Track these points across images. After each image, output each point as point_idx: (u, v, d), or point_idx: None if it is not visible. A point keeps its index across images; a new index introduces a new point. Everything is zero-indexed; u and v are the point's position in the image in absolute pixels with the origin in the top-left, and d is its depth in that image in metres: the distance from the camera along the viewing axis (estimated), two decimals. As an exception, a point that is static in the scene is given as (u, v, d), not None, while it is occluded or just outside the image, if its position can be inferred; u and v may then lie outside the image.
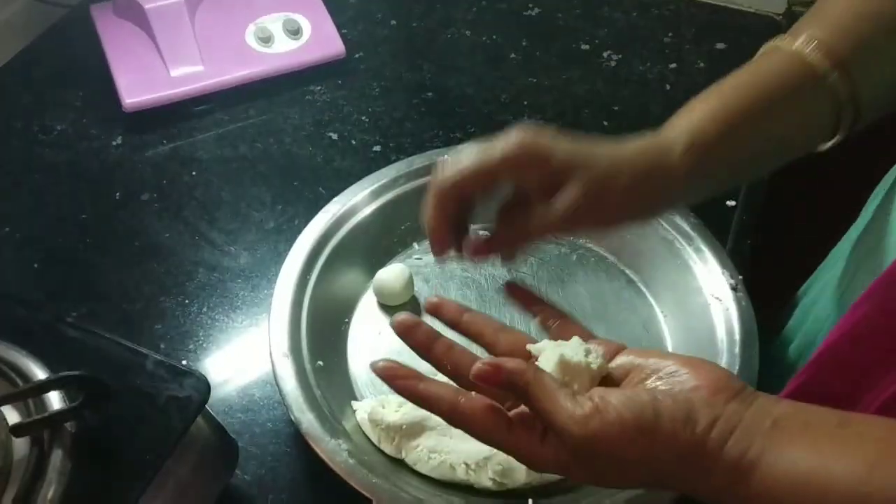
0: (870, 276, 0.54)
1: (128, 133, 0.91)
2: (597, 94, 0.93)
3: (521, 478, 0.60)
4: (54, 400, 0.53)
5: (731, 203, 0.81)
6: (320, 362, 0.67)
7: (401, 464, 0.62)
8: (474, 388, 0.47)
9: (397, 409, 0.63)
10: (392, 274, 0.72)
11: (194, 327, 0.75)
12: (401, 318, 0.53)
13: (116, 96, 0.91)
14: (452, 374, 0.52)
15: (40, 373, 0.55)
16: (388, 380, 0.48)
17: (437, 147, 0.84)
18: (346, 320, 0.73)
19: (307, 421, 0.61)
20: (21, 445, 0.51)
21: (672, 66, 0.96)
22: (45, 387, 0.53)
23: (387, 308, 0.73)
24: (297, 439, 0.65)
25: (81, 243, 0.82)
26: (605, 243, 0.76)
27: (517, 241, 0.55)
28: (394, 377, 0.48)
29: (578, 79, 0.95)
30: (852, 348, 0.53)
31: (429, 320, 0.55)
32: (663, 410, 0.43)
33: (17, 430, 0.51)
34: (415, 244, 0.77)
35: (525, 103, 0.93)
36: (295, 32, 0.96)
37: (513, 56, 0.98)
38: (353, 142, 0.90)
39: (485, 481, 0.60)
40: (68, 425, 0.52)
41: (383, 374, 0.48)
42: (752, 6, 1.01)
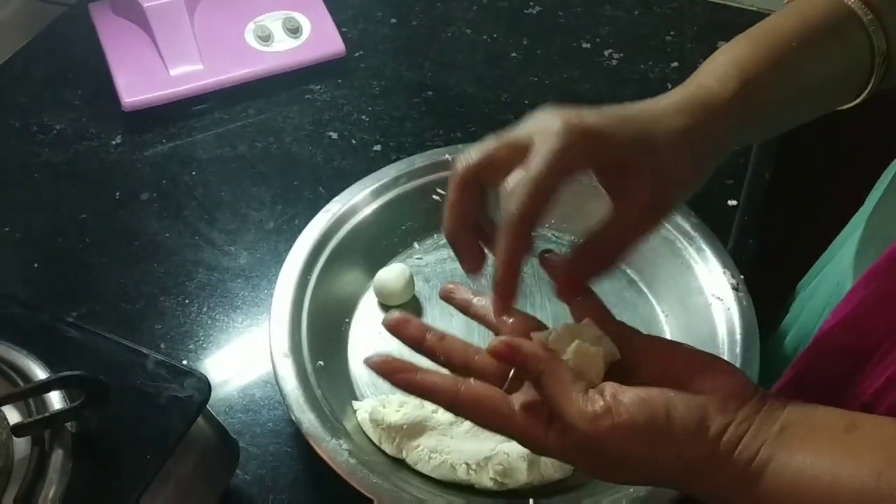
0: (868, 265, 0.54)
1: (127, 132, 0.91)
2: (598, 93, 0.93)
3: (521, 478, 0.60)
4: (55, 400, 0.53)
5: (732, 203, 0.81)
6: (321, 362, 0.67)
7: (401, 464, 0.62)
8: (469, 375, 0.46)
9: (398, 409, 0.63)
10: (392, 274, 0.72)
11: (194, 327, 0.75)
12: (391, 315, 0.51)
13: (115, 95, 0.91)
14: (446, 364, 0.50)
15: (41, 373, 0.55)
16: (384, 374, 0.46)
17: (438, 146, 0.84)
18: (347, 320, 0.72)
19: (308, 421, 0.61)
20: (22, 445, 0.51)
21: (674, 64, 0.96)
22: (46, 387, 0.53)
23: (387, 308, 0.73)
24: (298, 439, 0.65)
25: (81, 243, 0.82)
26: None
27: (607, 263, 0.50)
28: (390, 371, 0.46)
29: (579, 77, 0.95)
30: (849, 333, 0.53)
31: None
32: (675, 416, 0.42)
33: (18, 430, 0.51)
34: (415, 244, 0.77)
35: (526, 102, 0.92)
36: (295, 31, 0.96)
37: (514, 55, 0.98)
38: (354, 141, 0.90)
39: (485, 481, 0.60)
40: (69, 425, 0.52)
41: (378, 369, 0.47)
42: (754, 4, 1.01)
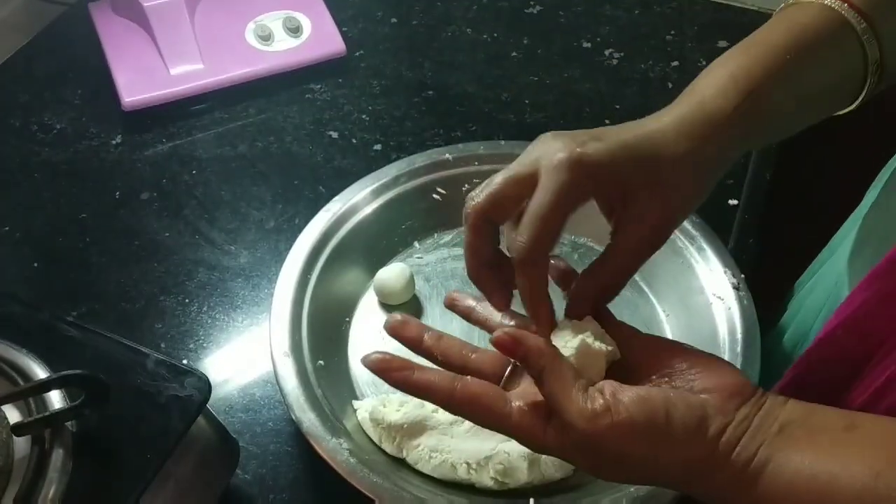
0: (868, 264, 0.54)
1: (127, 132, 0.91)
2: (598, 92, 0.93)
3: (522, 477, 0.60)
4: (55, 399, 0.53)
5: (733, 202, 0.81)
6: (321, 361, 0.67)
7: (402, 463, 0.62)
8: (466, 374, 0.47)
9: (398, 409, 0.62)
10: (393, 273, 0.72)
11: (195, 327, 0.75)
12: (391, 318, 0.52)
13: (115, 95, 0.91)
14: (443, 364, 0.51)
15: (41, 372, 0.55)
16: (381, 373, 0.46)
17: (438, 145, 0.84)
18: (347, 319, 0.72)
19: (308, 420, 0.61)
20: (22, 445, 0.51)
21: (674, 64, 0.96)
22: (46, 386, 0.52)
23: (388, 307, 0.73)
24: (298, 439, 0.65)
25: (81, 242, 0.82)
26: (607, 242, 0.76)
27: (615, 288, 0.52)
28: (387, 369, 0.46)
29: (580, 77, 0.95)
30: (851, 335, 0.53)
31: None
32: (675, 416, 0.42)
33: (18, 430, 0.51)
34: (416, 243, 0.77)
35: (526, 101, 0.92)
36: (295, 30, 0.96)
37: (514, 54, 0.98)
38: (354, 140, 0.90)
39: (486, 481, 0.60)
40: (69, 424, 0.52)
41: (376, 368, 0.47)
42: (755, 4, 1.01)
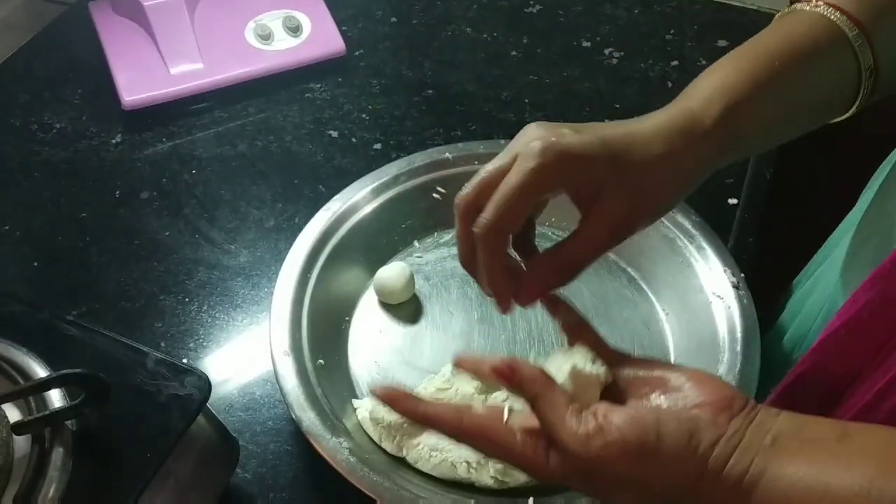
0: (867, 265, 0.54)
1: (127, 131, 0.91)
2: (598, 91, 0.93)
3: (522, 476, 0.60)
4: (55, 398, 0.53)
5: (732, 201, 0.81)
6: (321, 360, 0.67)
7: (402, 462, 0.62)
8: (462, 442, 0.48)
9: (398, 408, 0.62)
10: (393, 272, 0.72)
11: (195, 326, 0.75)
12: (377, 386, 0.49)
13: (115, 94, 0.91)
14: (440, 431, 0.50)
15: (41, 371, 0.55)
16: (389, 404, 0.48)
17: (438, 144, 0.84)
18: (347, 318, 0.72)
19: (308, 419, 0.61)
20: (22, 443, 0.51)
21: (674, 63, 0.96)
22: (46, 385, 0.53)
23: (388, 306, 0.73)
24: (298, 438, 0.65)
25: (81, 241, 0.82)
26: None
27: (569, 273, 0.53)
28: (394, 401, 0.48)
29: (580, 76, 0.95)
30: (853, 336, 0.53)
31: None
32: (666, 433, 0.43)
33: (18, 428, 0.51)
34: (415, 242, 0.77)
35: (526, 101, 0.92)
36: (295, 30, 0.96)
37: (514, 53, 0.98)
38: (354, 139, 0.90)
39: (486, 480, 0.60)
40: (69, 423, 0.52)
41: (382, 400, 0.48)
42: (755, 3, 1.01)
